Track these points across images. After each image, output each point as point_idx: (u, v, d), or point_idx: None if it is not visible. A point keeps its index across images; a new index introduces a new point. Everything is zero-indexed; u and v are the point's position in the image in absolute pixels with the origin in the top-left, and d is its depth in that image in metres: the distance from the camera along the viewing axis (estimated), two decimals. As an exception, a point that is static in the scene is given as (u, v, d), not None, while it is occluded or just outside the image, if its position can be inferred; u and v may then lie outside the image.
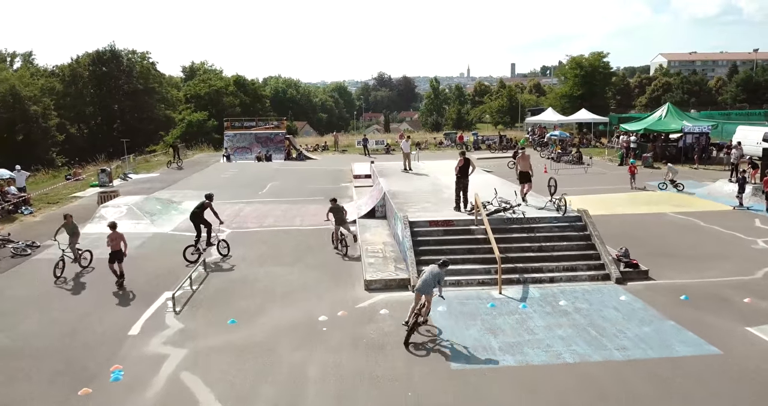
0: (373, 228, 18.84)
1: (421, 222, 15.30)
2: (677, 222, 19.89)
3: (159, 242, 18.35)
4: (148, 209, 21.54)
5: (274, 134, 43.96)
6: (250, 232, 19.73)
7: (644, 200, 24.02)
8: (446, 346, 10.43)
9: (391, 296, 12.94)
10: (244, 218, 21.81)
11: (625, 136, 37.92)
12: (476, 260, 14.19)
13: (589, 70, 68.89)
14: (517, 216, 15.48)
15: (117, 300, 13.16)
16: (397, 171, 27.39)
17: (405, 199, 18.88)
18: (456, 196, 16.66)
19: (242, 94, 71.76)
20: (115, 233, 14.12)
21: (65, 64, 75.16)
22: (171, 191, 28.24)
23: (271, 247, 17.60)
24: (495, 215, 15.54)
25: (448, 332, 11.01)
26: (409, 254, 14.05)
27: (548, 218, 15.57)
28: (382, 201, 20.64)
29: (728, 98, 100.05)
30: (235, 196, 26.72)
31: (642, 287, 13.32)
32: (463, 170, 16.50)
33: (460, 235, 14.99)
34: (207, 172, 36.70)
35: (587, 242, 14.88)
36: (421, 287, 10.59)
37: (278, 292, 13.46)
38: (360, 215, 20.72)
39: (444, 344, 10.49)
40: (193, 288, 13.70)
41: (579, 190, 24.89)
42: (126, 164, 36.32)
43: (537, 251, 14.52)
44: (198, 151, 50.12)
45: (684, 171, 32.10)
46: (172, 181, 32.10)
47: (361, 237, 17.66)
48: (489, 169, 32.68)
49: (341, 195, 26.98)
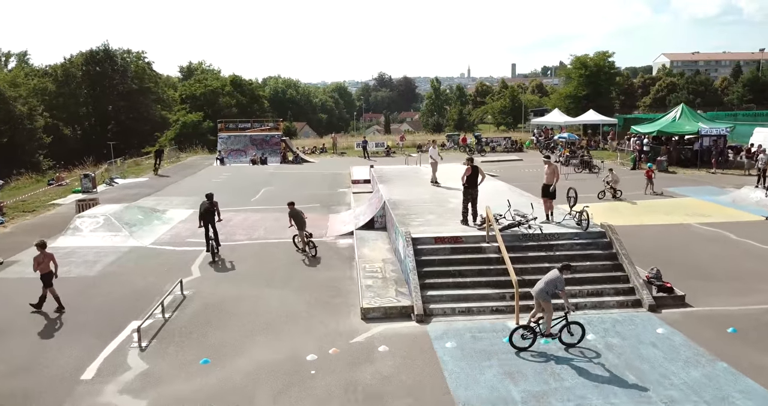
0: (371, 242, 17.11)
1: (426, 239, 13.57)
2: (705, 235, 18.15)
3: (135, 258, 16.62)
4: (127, 220, 19.82)
5: (269, 136, 42.24)
6: (238, 245, 18.00)
7: (663, 208, 22.28)
8: (460, 398, 8.69)
9: (392, 328, 11.21)
10: (232, 229, 20.08)
11: (637, 138, 36.19)
12: (489, 284, 12.47)
13: (594, 70, 67.23)
14: (533, 232, 13.75)
15: (77, 332, 11.42)
16: (397, 176, 25.68)
17: (407, 210, 17.15)
18: (463, 208, 14.95)
19: (239, 95, 70.06)
20: (43, 254, 12.37)
21: (58, 64, 73.56)
22: (157, 198, 26.54)
23: (259, 264, 15.87)
24: (509, 231, 13.82)
25: (461, 377, 9.28)
26: (412, 277, 12.32)
27: (568, 234, 13.83)
28: (381, 211, 18.90)
29: (735, 99, 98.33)
30: (226, 203, 24.83)
31: (680, 317, 11.59)
32: (471, 180, 14.79)
33: (469, 254, 13.26)
34: (199, 176, 34.98)
35: (613, 261, 13.16)
36: (536, 292, 10.32)
37: (262, 321, 11.73)
38: (358, 226, 18.99)
39: (459, 395, 8.75)
40: (165, 316, 11.98)
41: (591, 197, 23.17)
42: (113, 168, 34.59)
43: (557, 273, 12.78)
44: (192, 154, 48.42)
45: (701, 176, 30.43)
46: (161, 186, 30.39)
47: (359, 252, 15.93)
48: (494, 174, 31.02)
49: (338, 202, 25.34)
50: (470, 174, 14.81)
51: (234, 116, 63.50)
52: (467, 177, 14.82)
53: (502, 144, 46.22)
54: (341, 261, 15.99)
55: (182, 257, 16.66)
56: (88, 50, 73.28)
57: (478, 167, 15.10)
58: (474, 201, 14.86)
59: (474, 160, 15.42)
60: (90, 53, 72.96)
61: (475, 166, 14.94)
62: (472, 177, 14.82)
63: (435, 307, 11.85)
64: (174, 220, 21.43)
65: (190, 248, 17.55)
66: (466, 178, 14.83)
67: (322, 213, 22.86)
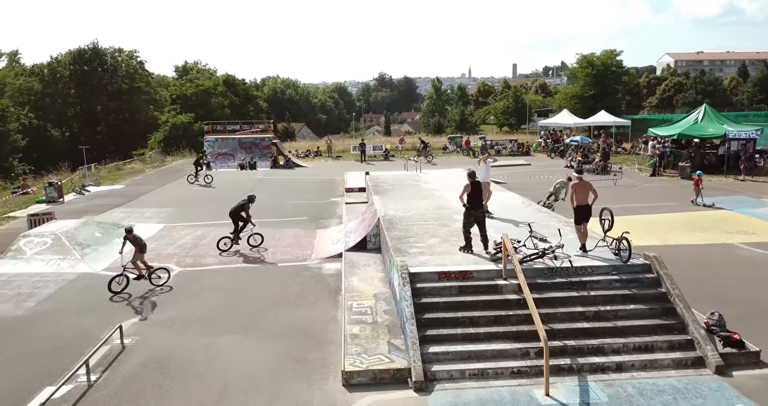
0: (362, 268, 14.39)
1: (427, 274, 10.86)
2: (756, 259, 15.40)
3: (80, 289, 13.90)
4: (82, 239, 17.12)
5: (259, 139, 39.49)
6: (205, 271, 15.29)
7: (698, 224, 19.51)
8: None
9: (383, 400, 8.52)
10: (204, 249, 17.39)
11: (655, 141, 33.47)
12: (508, 336, 9.76)
13: (601, 69, 64.60)
14: (561, 264, 11.03)
15: (-31, 403, 8.74)
16: (395, 185, 22.99)
17: (404, 231, 14.46)
18: (465, 233, 12.22)
19: (232, 95, 67.36)
20: None
21: (44, 63, 70.93)
22: (128, 210, 23.82)
23: (226, 297, 13.16)
24: (529, 262, 11.13)
25: None
26: (409, 328, 9.61)
27: (605, 267, 11.10)
28: (375, 229, 16.19)
29: (744, 99, 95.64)
30: (202, 215, 22.31)
31: (760, 382, 8.88)
32: (472, 199, 12.10)
33: (482, 294, 10.54)
34: (181, 182, 32.25)
35: (664, 304, 10.44)
36: None
37: (215, 388, 9.02)
38: (348, 247, 16.27)
39: None
40: (91, 381, 9.27)
41: (614, 209, 20.45)
42: (87, 174, 31.89)
43: (593, 320, 10.09)
44: (178, 158, 45.69)
45: (729, 183, 27.68)
46: (137, 194, 27.69)
47: (347, 283, 13.21)
48: (500, 180, 28.32)
49: (328, 214, 22.63)
50: (470, 191, 12.13)
51: (227, 117, 60.80)
52: (467, 195, 12.16)
53: (507, 147, 43.45)
54: (325, 293, 13.29)
55: (137, 287, 13.95)
56: (76, 49, 70.69)
57: (481, 182, 12.39)
58: (481, 224, 12.16)
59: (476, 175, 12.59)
60: (78, 52, 70.34)
61: (476, 182, 12.24)
62: (473, 195, 12.14)
63: (439, 369, 9.14)
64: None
65: (148, 276, 14.81)
66: (467, 197, 12.17)
67: (309, 228, 20.19)
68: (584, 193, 11.98)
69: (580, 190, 12.05)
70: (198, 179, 31.24)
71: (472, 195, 12.16)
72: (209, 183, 30.87)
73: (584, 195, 11.94)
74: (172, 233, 19.51)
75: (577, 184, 12.14)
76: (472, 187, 12.14)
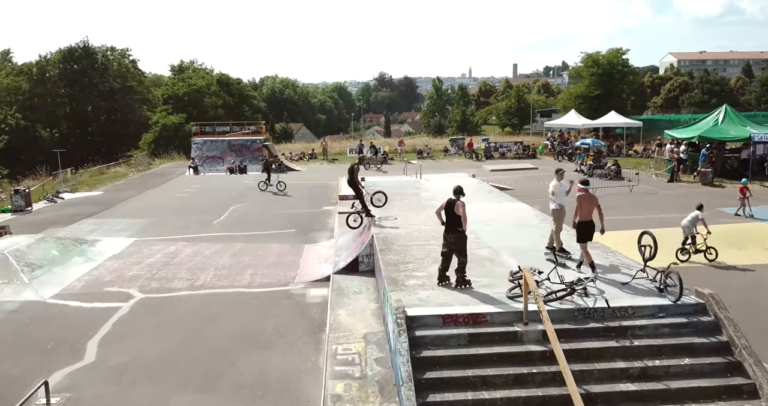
0: (352, 296, 12.29)
1: (429, 318, 8.74)
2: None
3: (18, 323, 11.77)
4: (35, 258, 15.02)
5: (250, 141, 37.33)
6: (171, 299, 13.16)
7: (735, 238, 17.16)
8: None
9: None
10: (173, 270, 15.25)
11: (672, 144, 31.34)
12: (531, 403, 7.63)
13: (607, 69, 62.50)
14: (594, 304, 8.91)
15: None
16: (393, 192, 20.83)
17: (401, 254, 12.35)
18: (442, 262, 10.13)
19: (225, 95, 65.21)
20: None
21: (33, 62, 68.75)
22: (98, 220, 21.69)
23: (188, 336, 11.04)
24: (556, 302, 9.01)
25: None
26: (405, 394, 7.47)
27: (649, 307, 8.96)
28: (368, 248, 14.08)
29: (752, 99, 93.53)
30: (180, 228, 20.22)
31: None
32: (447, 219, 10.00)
33: (498, 344, 8.42)
34: (163, 188, 30.17)
35: (727, 356, 8.33)
36: None
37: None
38: (337, 269, 14.17)
39: None
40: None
41: (632, 220, 18.37)
42: (63, 180, 29.79)
43: (639, 379, 7.97)
44: (167, 160, 43.57)
45: (756, 190, 25.45)
46: (113, 202, 25.58)
47: (333, 317, 11.11)
48: (507, 187, 26.20)
49: (319, 226, 20.54)
50: (445, 208, 10.06)
51: (220, 118, 58.66)
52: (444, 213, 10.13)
53: (512, 149, 41.29)
54: (307, 330, 11.18)
55: (86, 320, 11.85)
56: (66, 47, 68.58)
57: (459, 203, 9.90)
58: (459, 252, 9.96)
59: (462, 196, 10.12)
60: (68, 50, 68.23)
61: (451, 200, 10.01)
62: (447, 214, 10.03)
63: (444, 451, 7.03)
64: (103, 255, 16.59)
65: (102, 305, 12.71)
66: (444, 216, 10.14)
67: (296, 243, 18.07)
68: (590, 207, 10.52)
69: (586, 203, 10.50)
70: (270, 185, 27.54)
71: (447, 214, 10.03)
72: (283, 190, 27.05)
73: (589, 210, 10.51)
74: (142, 248, 17.38)
75: (583, 197, 10.60)
76: (446, 205, 10.02)
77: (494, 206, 18.04)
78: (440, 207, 10.17)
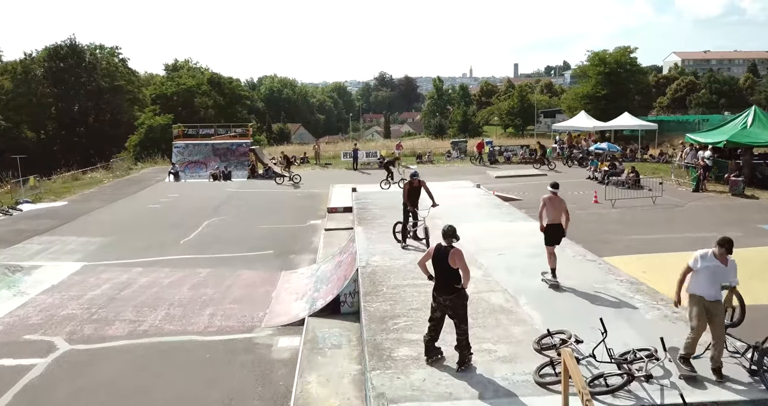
0: (329, 352, 9.61)
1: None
2: None
3: None
4: (-52, 293, 12.34)
5: (235, 145, 34.55)
6: (103, 352, 10.45)
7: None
8: None
9: None
10: (117, 308, 12.54)
11: (694, 149, 28.61)
12: None
13: (615, 68, 59.82)
14: (662, 398, 6.17)
15: None
16: (386, 207, 18.12)
17: (390, 300, 9.67)
18: (429, 331, 7.46)
19: (217, 95, 62.54)
20: None
21: (17, 61, 66.05)
22: (51, 238, 18.99)
23: (108, 414, 8.36)
24: (606, 391, 6.31)
25: None
26: None
27: (741, 403, 6.25)
28: (353, 284, 11.40)
29: (762, 98, 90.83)
30: (140, 249, 17.48)
31: None
32: (443, 276, 7.36)
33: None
34: (136, 197, 27.49)
35: None
36: None
37: None
38: (313, 310, 11.49)
39: None
40: None
41: (663, 240, 15.69)
42: (29, 188, 27.11)
43: None
44: (150, 164, 40.88)
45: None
46: (76, 215, 22.89)
47: (299, 387, 8.42)
48: (515, 197, 23.46)
49: (301, 246, 17.86)
50: (432, 259, 7.42)
51: (211, 119, 56.04)
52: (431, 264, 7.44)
53: (519, 154, 38.47)
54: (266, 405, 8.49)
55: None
56: (52, 45, 65.95)
57: (450, 250, 7.22)
58: (457, 319, 7.22)
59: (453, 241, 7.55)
60: (54, 48, 65.60)
61: (441, 248, 7.34)
62: (436, 268, 7.37)
63: None
64: (39, 286, 13.89)
65: (11, 362, 10.00)
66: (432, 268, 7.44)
67: (272, 268, 15.39)
68: (558, 211, 10.42)
69: (551, 206, 10.46)
70: (392, 184, 24.65)
71: (437, 267, 7.32)
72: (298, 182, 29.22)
73: (557, 214, 10.43)
74: (88, 277, 14.69)
75: (551, 199, 10.49)
76: (434, 255, 7.35)
77: (505, 228, 15.26)
78: (425, 256, 7.50)
